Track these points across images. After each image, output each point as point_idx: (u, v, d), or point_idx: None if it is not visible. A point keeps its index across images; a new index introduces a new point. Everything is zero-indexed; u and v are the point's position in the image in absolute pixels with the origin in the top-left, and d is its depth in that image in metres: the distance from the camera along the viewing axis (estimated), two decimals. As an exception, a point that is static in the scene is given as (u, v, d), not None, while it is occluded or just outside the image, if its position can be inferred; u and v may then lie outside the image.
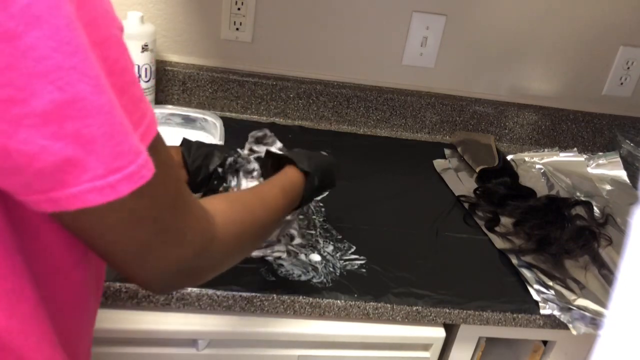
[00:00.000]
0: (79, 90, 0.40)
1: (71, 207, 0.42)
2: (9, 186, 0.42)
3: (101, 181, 0.42)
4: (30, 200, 0.43)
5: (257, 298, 0.84)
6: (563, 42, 1.36)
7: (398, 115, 1.37)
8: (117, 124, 0.42)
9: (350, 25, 1.30)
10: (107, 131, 0.42)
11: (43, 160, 0.40)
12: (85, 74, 0.40)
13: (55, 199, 0.42)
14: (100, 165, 0.42)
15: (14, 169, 0.40)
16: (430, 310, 0.88)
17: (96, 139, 0.41)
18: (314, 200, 0.99)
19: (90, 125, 0.41)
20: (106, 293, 0.81)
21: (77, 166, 0.41)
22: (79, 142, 0.41)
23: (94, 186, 0.42)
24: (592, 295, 0.93)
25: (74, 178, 0.41)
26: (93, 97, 0.41)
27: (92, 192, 0.42)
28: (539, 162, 1.31)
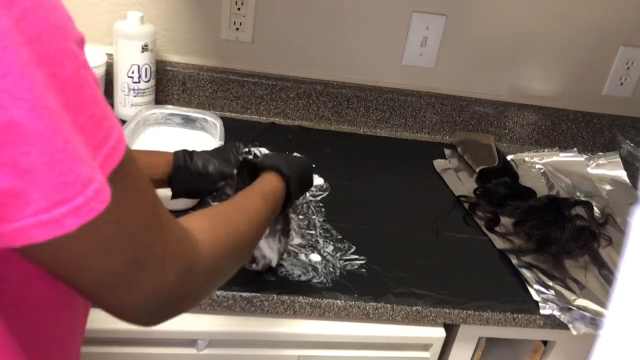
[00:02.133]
0: (12, 115, 0.36)
1: (16, 243, 0.38)
2: None
3: (45, 215, 0.38)
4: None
5: (257, 298, 0.84)
6: (563, 42, 1.36)
7: (398, 115, 1.37)
8: (58, 152, 0.38)
9: (350, 25, 1.30)
10: (47, 160, 0.37)
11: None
12: (19, 97, 0.36)
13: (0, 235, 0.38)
14: (43, 197, 0.37)
15: None
16: (430, 310, 0.88)
17: (35, 169, 0.37)
18: (307, 202, 0.99)
19: (27, 153, 0.36)
20: (106, 293, 0.81)
21: (18, 198, 0.37)
22: (17, 171, 0.37)
23: (38, 220, 0.38)
24: (592, 295, 0.93)
25: (16, 211, 0.37)
26: (29, 122, 0.36)
27: (37, 227, 0.38)
28: (539, 162, 1.31)
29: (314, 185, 1.10)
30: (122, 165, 0.42)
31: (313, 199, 1.07)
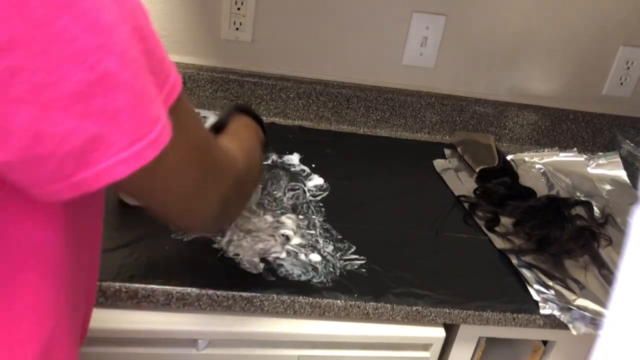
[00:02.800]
0: (105, 68, 0.41)
1: (96, 186, 0.43)
2: (29, 180, 0.43)
3: (126, 152, 0.43)
4: (50, 190, 0.43)
5: (257, 298, 0.84)
6: (563, 42, 1.36)
7: (398, 115, 1.37)
8: (139, 95, 0.44)
9: (350, 25, 1.30)
10: (130, 103, 0.43)
11: (72, 141, 0.41)
12: (112, 51, 0.41)
13: (77, 183, 0.43)
14: (125, 138, 0.43)
15: (44, 156, 0.41)
16: (430, 310, 0.88)
17: (121, 113, 0.42)
18: (307, 202, 0.99)
19: (115, 99, 0.42)
20: (106, 293, 0.81)
21: (102, 142, 0.42)
22: (104, 118, 0.42)
23: (120, 158, 0.43)
24: (592, 295, 0.93)
25: (99, 155, 0.42)
26: (118, 72, 0.42)
27: (118, 165, 0.43)
28: (539, 162, 1.31)
29: (313, 185, 1.10)
30: (179, 98, 0.49)
31: (313, 199, 1.07)
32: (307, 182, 1.11)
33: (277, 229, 0.94)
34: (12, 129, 0.40)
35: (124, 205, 0.96)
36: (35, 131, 0.40)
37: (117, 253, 0.86)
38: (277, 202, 1.04)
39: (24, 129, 0.40)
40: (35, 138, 0.40)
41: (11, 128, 0.40)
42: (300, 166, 1.16)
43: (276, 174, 1.12)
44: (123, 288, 0.81)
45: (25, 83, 0.39)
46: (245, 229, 0.93)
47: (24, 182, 0.43)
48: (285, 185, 1.09)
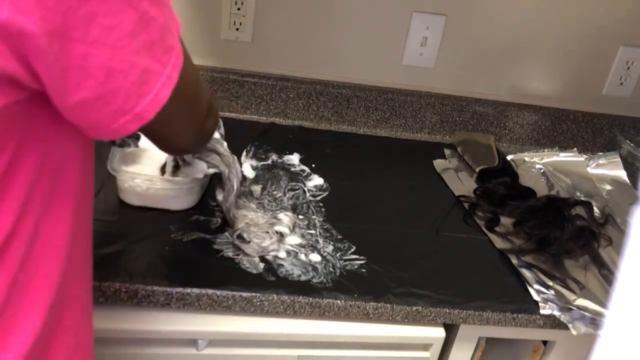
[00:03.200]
0: (143, 7, 0.48)
1: (151, 115, 0.51)
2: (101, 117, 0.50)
3: (163, 77, 0.51)
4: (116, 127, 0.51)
5: (257, 298, 0.84)
6: (563, 42, 1.36)
7: (398, 115, 1.37)
8: (166, 27, 0.51)
9: (350, 25, 1.30)
10: (160, 34, 0.50)
11: (133, 74, 0.49)
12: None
13: (139, 114, 0.51)
14: (160, 64, 0.51)
15: (113, 91, 0.48)
16: (430, 310, 0.88)
17: (155, 43, 0.50)
18: (307, 202, 0.99)
19: (150, 33, 0.49)
20: (106, 293, 0.81)
21: (150, 72, 0.50)
22: (148, 50, 0.49)
23: (161, 84, 0.51)
24: (592, 295, 0.93)
25: (150, 85, 0.50)
26: (152, 10, 0.49)
27: (162, 90, 0.51)
28: (539, 162, 1.31)
29: (313, 185, 1.10)
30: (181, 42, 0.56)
31: (313, 199, 1.07)
32: (307, 182, 1.11)
33: (272, 226, 0.94)
34: (91, 69, 0.47)
35: (124, 205, 0.96)
36: (107, 68, 0.47)
37: (117, 253, 0.86)
38: (277, 202, 1.04)
39: (99, 67, 0.47)
40: (106, 75, 0.47)
41: (90, 67, 0.47)
42: (300, 166, 1.16)
43: (276, 174, 1.12)
44: (123, 288, 0.81)
45: (99, 26, 0.45)
46: (244, 222, 0.93)
47: (95, 122, 0.51)
48: (285, 185, 1.09)
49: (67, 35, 0.45)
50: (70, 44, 0.45)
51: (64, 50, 0.45)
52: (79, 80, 0.47)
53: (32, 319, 0.54)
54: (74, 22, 0.44)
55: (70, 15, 0.44)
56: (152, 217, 0.95)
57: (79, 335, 0.62)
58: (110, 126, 0.51)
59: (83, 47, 0.46)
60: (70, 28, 0.44)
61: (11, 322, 0.53)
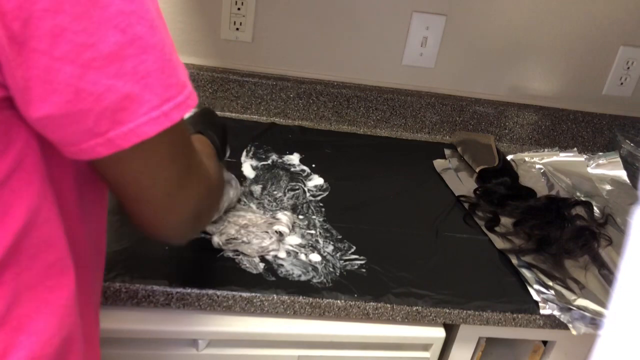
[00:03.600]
0: (136, 31, 0.46)
1: (126, 144, 0.47)
2: (69, 136, 0.47)
3: (156, 111, 0.48)
4: (86, 147, 0.47)
5: (257, 298, 0.84)
6: (563, 42, 1.36)
7: (398, 115, 1.37)
8: (167, 60, 0.48)
9: (350, 25, 1.30)
10: (159, 66, 0.47)
11: (107, 98, 0.45)
12: (142, 17, 0.46)
13: (112, 139, 0.47)
14: (155, 97, 0.47)
15: (81, 112, 0.45)
16: (430, 310, 0.88)
17: (151, 74, 0.47)
18: (307, 202, 0.99)
19: (145, 61, 0.46)
20: (106, 293, 0.81)
21: (134, 101, 0.46)
22: (136, 78, 0.46)
23: (149, 118, 0.47)
24: (592, 295, 0.93)
25: (131, 114, 0.47)
26: (148, 37, 0.46)
27: (148, 124, 0.47)
28: (539, 162, 1.31)
29: (313, 185, 1.10)
30: None
31: (313, 199, 1.07)
32: (307, 182, 1.11)
33: (271, 225, 0.94)
34: (56, 84, 0.44)
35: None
36: (75, 87, 0.44)
37: (117, 253, 0.86)
38: (277, 202, 1.04)
39: (65, 84, 0.44)
40: (75, 94, 0.45)
41: (55, 83, 0.44)
42: (300, 166, 1.16)
43: (276, 174, 1.12)
44: (123, 288, 0.81)
45: (69, 42, 0.43)
46: (241, 224, 0.93)
47: (62, 138, 0.48)
48: (285, 185, 1.09)
49: (28, 44, 0.43)
50: (32, 53, 0.43)
51: (25, 58, 0.43)
52: (44, 94, 0.45)
53: (46, 321, 0.54)
54: (36, 32, 0.42)
55: (32, 24, 0.42)
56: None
57: (90, 341, 0.62)
58: (79, 146, 0.48)
59: (47, 60, 0.43)
60: (31, 37, 0.42)
61: (24, 323, 0.53)
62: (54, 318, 0.55)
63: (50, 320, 0.54)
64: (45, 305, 0.54)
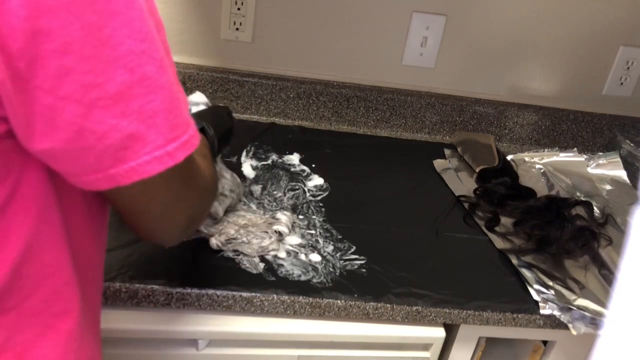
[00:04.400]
0: (145, 71, 0.45)
1: (127, 181, 0.47)
2: (70, 168, 0.47)
3: (160, 151, 0.47)
4: (86, 180, 0.48)
5: (257, 298, 0.84)
6: (563, 42, 1.36)
7: (398, 115, 1.37)
8: (175, 99, 0.48)
9: (350, 25, 1.30)
10: (167, 106, 0.47)
11: (111, 137, 0.45)
12: (152, 57, 0.46)
13: (113, 175, 0.47)
14: (160, 137, 0.47)
15: (83, 149, 0.45)
16: (430, 310, 0.88)
17: (158, 114, 0.47)
18: (307, 202, 0.99)
19: (152, 101, 0.46)
20: (106, 293, 0.81)
21: (138, 140, 0.46)
22: (142, 117, 0.46)
23: (153, 157, 0.47)
24: (592, 295, 0.93)
25: (134, 152, 0.46)
26: (157, 77, 0.46)
27: (151, 163, 0.47)
28: (539, 162, 1.31)
29: (313, 185, 1.10)
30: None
31: (313, 199, 1.07)
32: (307, 182, 1.11)
33: (271, 225, 0.94)
34: (59, 122, 0.44)
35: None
36: (79, 126, 0.44)
37: (117, 253, 0.86)
38: (277, 202, 1.04)
39: (69, 123, 0.44)
40: (78, 132, 0.44)
41: (58, 121, 0.44)
42: (300, 166, 1.16)
43: (276, 174, 1.12)
44: (123, 288, 0.81)
45: (74, 82, 0.43)
46: (240, 224, 0.93)
47: (64, 169, 0.48)
48: (285, 185, 1.09)
49: (32, 82, 0.42)
50: (36, 92, 0.43)
51: (28, 96, 0.43)
52: (45, 130, 0.44)
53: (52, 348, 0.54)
54: (41, 72, 0.42)
55: (37, 63, 0.42)
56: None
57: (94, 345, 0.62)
58: (80, 178, 0.48)
59: (51, 99, 0.43)
60: (35, 76, 0.42)
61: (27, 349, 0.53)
62: (58, 345, 0.54)
63: (55, 347, 0.54)
64: (50, 332, 0.54)
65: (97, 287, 0.63)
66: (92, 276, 0.61)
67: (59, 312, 0.54)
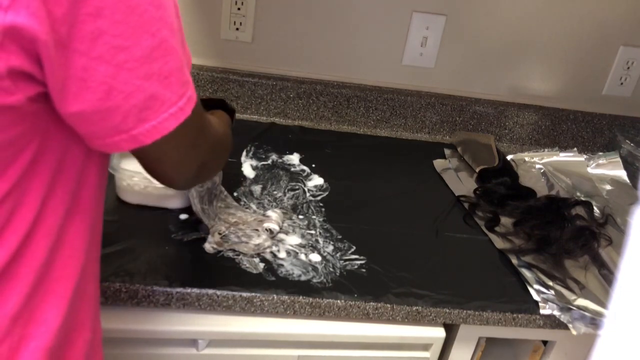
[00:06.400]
0: (163, 35, 0.50)
1: (149, 140, 0.52)
2: (98, 130, 0.51)
3: (174, 107, 0.52)
4: (111, 141, 0.52)
5: (257, 298, 0.84)
6: (563, 42, 1.36)
7: (398, 115, 1.37)
8: (183, 59, 0.53)
9: (350, 25, 1.30)
10: (178, 65, 0.52)
11: (135, 97, 0.50)
12: (166, 22, 0.50)
13: (135, 136, 0.52)
14: (174, 94, 0.52)
15: (110, 109, 0.49)
16: (430, 310, 0.88)
17: (172, 73, 0.51)
18: (307, 202, 0.99)
19: (168, 62, 0.51)
20: (106, 293, 0.81)
21: (157, 100, 0.51)
22: (160, 78, 0.50)
23: (169, 114, 0.52)
24: (592, 295, 0.93)
25: (154, 112, 0.51)
26: (171, 39, 0.51)
27: (169, 120, 0.52)
28: (539, 162, 1.31)
29: (313, 185, 1.11)
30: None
31: (313, 199, 1.07)
32: (307, 182, 1.11)
33: (261, 223, 0.94)
34: (90, 82, 0.48)
35: (122, 204, 0.96)
36: (108, 86, 0.48)
37: (117, 253, 0.86)
38: (277, 202, 1.04)
39: (99, 83, 0.48)
40: (107, 92, 0.48)
41: (90, 81, 0.48)
42: (300, 166, 1.16)
43: (276, 174, 1.12)
44: (123, 288, 0.81)
45: (106, 44, 0.47)
46: (231, 222, 0.93)
47: (91, 133, 0.52)
48: (285, 185, 1.09)
49: (70, 45, 0.46)
50: (73, 54, 0.47)
51: (66, 59, 0.47)
52: (78, 91, 0.48)
53: (54, 312, 0.57)
54: (79, 34, 0.46)
55: (76, 27, 0.46)
56: (152, 217, 0.95)
57: (94, 331, 0.65)
58: (105, 140, 0.52)
59: (85, 60, 0.47)
60: (73, 39, 0.46)
61: (35, 313, 0.55)
62: (61, 311, 0.57)
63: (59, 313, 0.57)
64: (55, 299, 0.57)
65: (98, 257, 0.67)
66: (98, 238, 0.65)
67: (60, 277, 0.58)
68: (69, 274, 0.58)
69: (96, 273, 0.66)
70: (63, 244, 0.57)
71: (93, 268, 0.64)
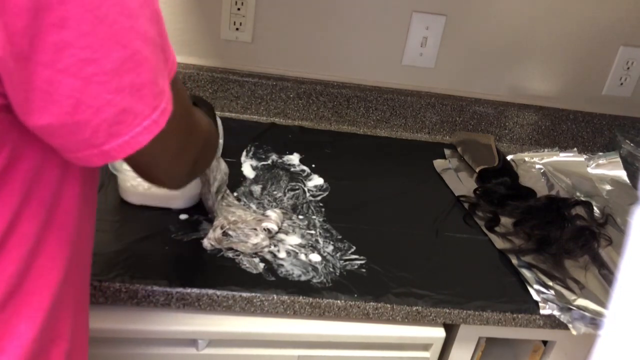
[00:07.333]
0: (135, 46, 0.47)
1: (122, 155, 0.50)
2: (66, 144, 0.49)
3: (148, 120, 0.49)
4: (82, 156, 0.50)
5: (257, 298, 0.84)
6: (563, 42, 1.36)
7: (398, 115, 1.37)
8: (157, 70, 0.50)
9: (350, 25, 1.30)
10: (151, 77, 0.49)
11: (106, 112, 0.47)
12: (138, 31, 0.47)
13: (107, 151, 0.49)
14: (147, 107, 0.49)
15: (79, 123, 0.47)
16: (430, 310, 0.88)
17: (145, 85, 0.48)
18: (307, 202, 0.99)
19: (140, 74, 0.48)
20: (106, 293, 0.81)
21: (130, 114, 0.48)
22: (132, 91, 0.47)
23: (143, 128, 0.49)
24: (592, 295, 0.93)
25: (126, 126, 0.48)
26: (144, 50, 0.48)
27: (142, 134, 0.49)
28: (539, 162, 1.31)
29: (313, 185, 1.11)
30: (176, 76, 0.55)
31: (313, 199, 1.07)
32: (307, 182, 1.11)
33: (260, 222, 0.94)
34: (57, 96, 0.45)
35: (125, 204, 0.96)
36: (76, 100, 0.46)
37: (117, 253, 0.86)
38: (277, 202, 1.04)
39: (66, 97, 0.45)
40: (74, 106, 0.46)
41: (56, 95, 0.45)
42: (300, 166, 1.16)
43: (276, 174, 1.12)
44: (123, 288, 0.81)
45: (72, 57, 0.44)
46: (230, 220, 0.93)
47: (61, 146, 0.49)
48: (285, 185, 1.09)
49: (33, 57, 0.44)
50: (36, 66, 0.44)
51: (29, 72, 0.44)
52: (44, 104, 0.46)
53: (28, 324, 0.54)
54: (42, 46, 0.43)
55: (39, 38, 0.43)
56: (153, 217, 0.95)
57: (74, 339, 0.62)
58: (76, 154, 0.50)
59: (49, 73, 0.44)
60: (37, 51, 0.44)
61: (7, 326, 0.53)
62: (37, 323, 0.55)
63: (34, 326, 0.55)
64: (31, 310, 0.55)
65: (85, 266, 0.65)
66: (84, 249, 0.63)
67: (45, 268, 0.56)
68: (46, 285, 0.56)
69: (82, 282, 0.64)
70: (39, 254, 0.54)
71: (78, 277, 0.62)
